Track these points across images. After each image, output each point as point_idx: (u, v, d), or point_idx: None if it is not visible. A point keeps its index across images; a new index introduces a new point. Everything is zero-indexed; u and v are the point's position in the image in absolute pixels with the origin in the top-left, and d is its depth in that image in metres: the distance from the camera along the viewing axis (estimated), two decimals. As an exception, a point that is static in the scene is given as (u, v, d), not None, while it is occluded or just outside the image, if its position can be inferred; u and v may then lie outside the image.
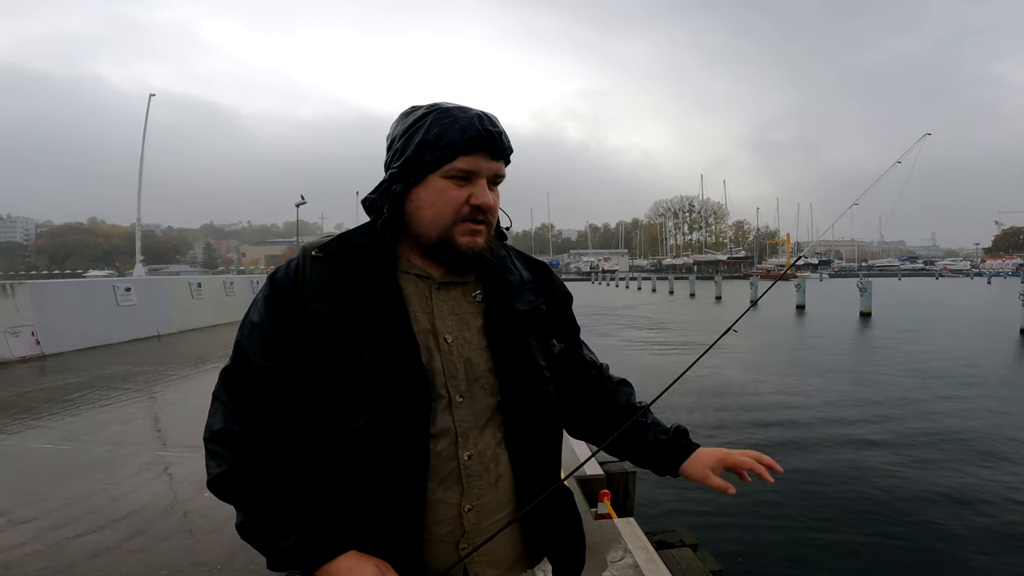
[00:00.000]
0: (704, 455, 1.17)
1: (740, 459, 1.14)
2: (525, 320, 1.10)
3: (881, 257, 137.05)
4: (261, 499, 0.99)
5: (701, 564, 3.75)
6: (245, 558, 2.91)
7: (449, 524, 1.03)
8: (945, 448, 6.87)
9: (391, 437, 0.97)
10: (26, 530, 3.20)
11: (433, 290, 1.07)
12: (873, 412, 8.53)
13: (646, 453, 1.21)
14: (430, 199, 1.02)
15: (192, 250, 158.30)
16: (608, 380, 1.28)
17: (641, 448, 1.21)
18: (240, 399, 1.02)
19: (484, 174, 1.02)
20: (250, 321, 1.05)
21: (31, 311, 9.81)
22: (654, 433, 1.20)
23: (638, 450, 1.22)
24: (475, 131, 0.99)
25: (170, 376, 7.95)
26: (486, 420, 1.06)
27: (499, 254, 1.14)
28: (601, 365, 1.31)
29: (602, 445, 1.20)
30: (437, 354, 1.03)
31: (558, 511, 1.16)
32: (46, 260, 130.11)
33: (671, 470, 1.20)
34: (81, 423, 5.47)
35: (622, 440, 1.20)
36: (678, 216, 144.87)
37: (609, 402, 1.24)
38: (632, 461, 1.25)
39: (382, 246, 1.05)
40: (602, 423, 1.23)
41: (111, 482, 3.93)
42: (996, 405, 8.91)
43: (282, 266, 1.08)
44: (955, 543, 4.66)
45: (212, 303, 15.22)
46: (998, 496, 5.49)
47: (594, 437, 1.26)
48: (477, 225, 1.02)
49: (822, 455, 6.70)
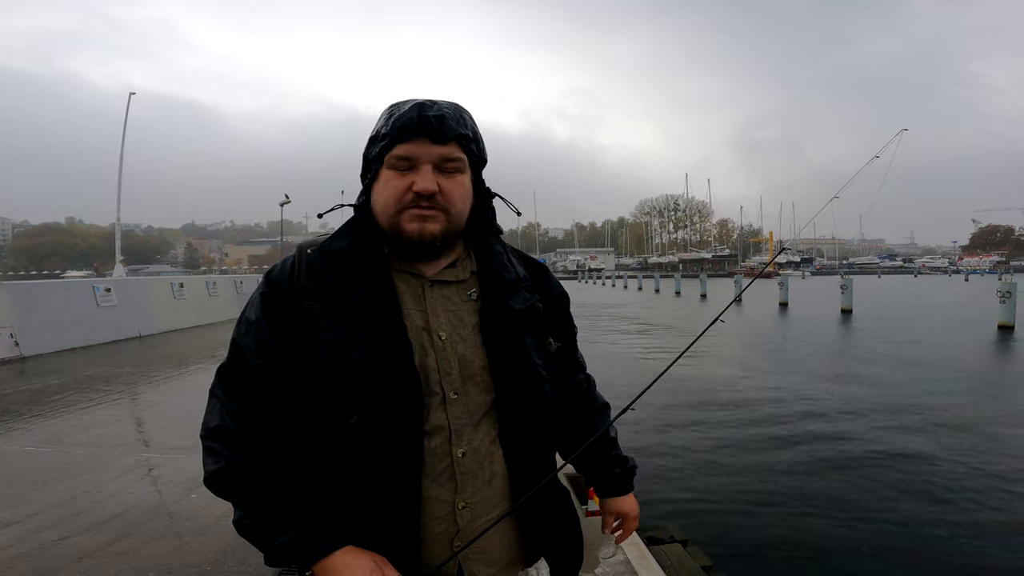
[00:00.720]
0: (623, 503, 1.33)
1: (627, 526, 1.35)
2: (520, 318, 1.10)
3: (861, 255, 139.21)
4: (257, 495, 0.98)
5: (692, 559, 3.79)
6: (235, 559, 2.89)
7: (443, 522, 1.03)
8: (930, 445, 7.00)
9: (384, 434, 0.97)
10: (10, 533, 3.14)
11: (426, 287, 1.07)
12: (856, 407, 8.65)
13: (598, 475, 1.33)
14: (379, 191, 1.04)
15: (173, 250, 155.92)
16: (594, 400, 1.33)
17: (596, 470, 1.33)
18: (236, 396, 1.02)
19: (426, 159, 1.00)
20: (246, 319, 1.05)
21: (10, 312, 9.61)
22: (610, 465, 1.31)
23: (592, 470, 1.33)
24: (407, 118, 0.99)
25: (152, 377, 7.84)
26: (480, 417, 1.06)
27: (495, 251, 1.14)
28: (590, 377, 1.36)
29: (568, 459, 1.25)
30: (431, 351, 1.03)
31: (555, 510, 1.16)
32: (23, 261, 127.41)
33: (601, 495, 1.36)
34: (63, 425, 5.37)
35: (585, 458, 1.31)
36: (663, 215, 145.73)
37: (589, 422, 1.31)
38: (581, 472, 1.36)
39: (360, 246, 1.04)
40: (576, 436, 1.27)
41: (95, 484, 3.87)
42: (975, 399, 9.10)
43: (278, 264, 1.08)
44: (942, 535, 4.75)
45: (195, 304, 15.02)
46: (978, 489, 5.61)
47: (563, 445, 1.29)
48: (424, 211, 1.01)
49: (807, 449, 6.79)
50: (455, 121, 1.02)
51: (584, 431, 1.27)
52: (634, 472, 1.34)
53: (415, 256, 1.06)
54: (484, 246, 1.15)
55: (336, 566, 0.96)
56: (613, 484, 1.32)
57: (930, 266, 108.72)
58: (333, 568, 0.96)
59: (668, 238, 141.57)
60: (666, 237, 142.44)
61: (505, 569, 1.12)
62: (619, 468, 1.31)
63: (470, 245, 1.15)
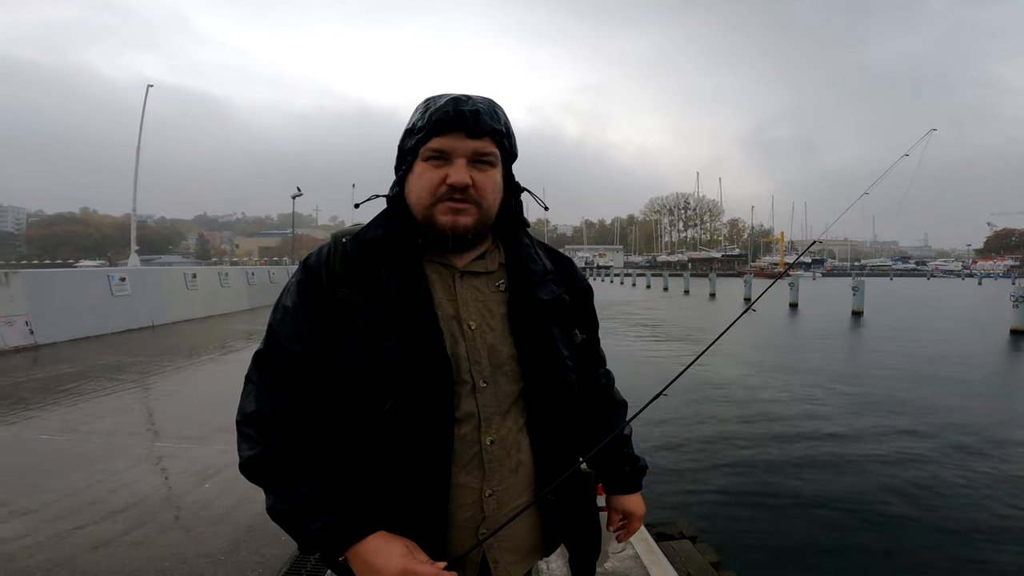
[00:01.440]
0: (629, 502, 1.31)
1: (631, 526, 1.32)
2: (548, 309, 1.12)
3: (874, 257, 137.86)
4: (292, 481, 1.00)
5: (700, 555, 3.78)
6: (248, 549, 2.91)
7: (469, 509, 1.04)
8: (938, 446, 6.94)
9: (417, 420, 0.99)
10: (26, 522, 3.18)
11: (456, 278, 1.09)
12: (865, 409, 8.59)
13: (608, 472, 1.32)
14: (413, 183, 1.06)
15: (185, 241, 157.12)
16: (611, 397, 1.34)
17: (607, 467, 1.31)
18: (272, 382, 1.03)
19: (460, 153, 1.02)
20: (283, 305, 1.08)
21: (25, 301, 9.73)
22: (620, 463, 1.31)
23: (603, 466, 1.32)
24: (443, 112, 1.01)
25: (165, 367, 7.91)
26: (509, 406, 1.07)
27: (523, 243, 1.16)
28: (609, 373, 1.37)
29: (585, 458, 1.24)
30: (461, 340, 1.05)
31: (576, 498, 1.17)
32: (37, 250, 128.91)
33: (608, 492, 1.34)
34: (78, 414, 5.44)
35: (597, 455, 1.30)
36: (673, 213, 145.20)
37: (605, 419, 1.31)
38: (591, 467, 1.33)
39: (394, 236, 1.06)
40: (591, 432, 1.27)
41: (109, 473, 3.91)
42: (987, 404, 9.00)
43: (314, 252, 1.11)
44: (951, 539, 4.71)
45: (207, 294, 15.15)
46: (988, 492, 5.55)
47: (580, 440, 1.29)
48: (458, 204, 1.03)
49: (818, 448, 6.75)
50: (489, 116, 1.04)
51: (600, 427, 1.28)
52: (644, 472, 1.34)
53: (447, 248, 1.07)
54: (512, 239, 1.17)
55: (369, 550, 0.97)
56: (622, 482, 1.31)
57: (943, 269, 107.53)
58: (366, 552, 0.97)
59: (678, 236, 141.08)
60: (676, 235, 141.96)
61: (527, 557, 1.14)
62: (628, 467, 1.31)
63: (498, 238, 1.16)
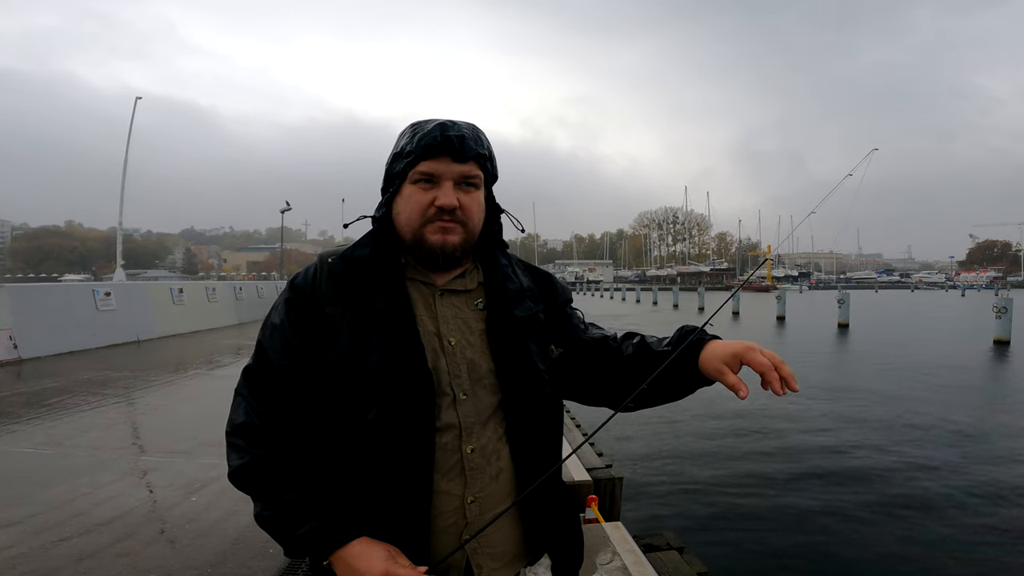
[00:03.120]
0: (718, 348, 1.06)
1: (758, 358, 1.01)
2: (524, 326, 1.16)
3: (859, 269, 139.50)
4: (279, 488, 1.04)
5: (688, 566, 3.81)
6: (235, 562, 2.90)
7: (452, 515, 1.08)
8: (929, 454, 7.03)
9: (399, 430, 1.03)
10: (11, 533, 3.15)
11: (437, 296, 1.14)
12: (854, 420, 8.69)
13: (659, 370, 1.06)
14: (402, 205, 1.11)
15: (172, 255, 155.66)
16: (613, 339, 1.23)
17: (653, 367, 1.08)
18: (261, 395, 1.08)
19: (448, 176, 1.08)
20: (271, 323, 1.13)
21: (9, 315, 9.61)
22: (661, 344, 1.14)
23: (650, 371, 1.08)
24: (431, 137, 1.07)
25: (151, 382, 7.84)
26: (488, 416, 1.11)
27: (500, 263, 1.21)
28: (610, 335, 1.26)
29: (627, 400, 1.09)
30: (442, 355, 1.10)
31: (558, 507, 1.21)
32: (21, 264, 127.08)
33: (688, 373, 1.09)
34: (62, 428, 5.38)
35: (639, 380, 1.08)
36: (662, 227, 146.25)
37: (618, 360, 1.18)
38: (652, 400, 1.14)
39: (380, 255, 1.12)
40: (619, 380, 1.16)
41: (95, 486, 3.88)
42: (971, 413, 9.13)
43: (301, 271, 1.16)
44: (940, 550, 4.77)
45: (194, 309, 15.03)
46: (979, 497, 5.63)
47: (612, 397, 1.18)
48: (446, 223, 1.09)
49: (805, 460, 6.81)
50: (474, 141, 1.10)
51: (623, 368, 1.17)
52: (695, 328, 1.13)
53: (437, 265, 1.13)
54: (490, 258, 1.21)
55: (352, 555, 1.01)
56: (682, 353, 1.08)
57: (927, 281, 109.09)
58: (349, 557, 1.01)
59: (667, 251, 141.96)
60: (664, 250, 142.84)
61: (509, 564, 1.16)
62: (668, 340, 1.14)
63: (477, 258, 1.21)
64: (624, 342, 1.21)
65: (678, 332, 1.15)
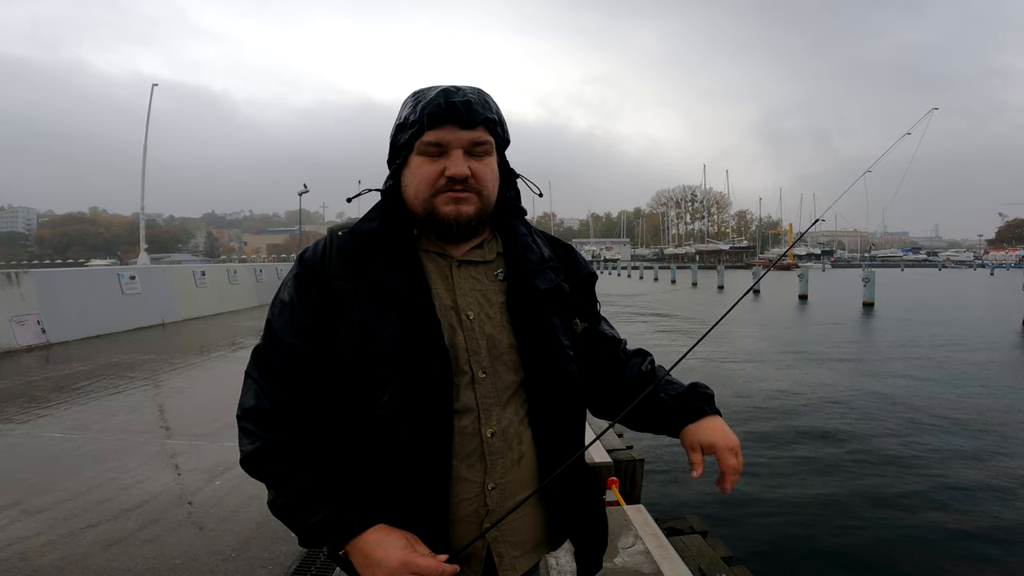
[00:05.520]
0: (704, 431, 1.13)
1: (729, 462, 1.11)
2: (547, 298, 1.10)
3: (884, 248, 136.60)
4: (292, 475, 0.99)
5: (712, 550, 3.76)
6: (258, 546, 2.92)
7: (473, 503, 1.03)
8: (955, 441, 6.87)
9: (415, 413, 0.98)
10: (40, 520, 3.20)
11: (454, 267, 1.08)
12: (880, 405, 8.53)
13: (656, 412, 1.17)
14: (411, 177, 1.05)
15: (194, 239, 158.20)
16: (623, 353, 1.27)
17: (652, 409, 1.16)
18: (271, 377, 1.03)
19: (456, 145, 1.02)
20: (280, 300, 1.07)
21: (37, 300, 9.81)
22: (666, 391, 1.17)
23: (649, 412, 1.17)
24: (435, 105, 1.00)
25: (176, 364, 7.95)
26: (508, 397, 1.06)
27: (519, 232, 1.15)
28: (620, 340, 1.30)
29: (616, 418, 1.15)
30: (459, 330, 1.04)
31: (581, 492, 1.16)
32: (48, 250, 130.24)
33: (674, 430, 1.16)
34: (89, 412, 5.48)
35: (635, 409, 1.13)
36: (680, 205, 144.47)
37: (620, 374, 1.22)
38: (642, 428, 1.21)
39: (389, 228, 1.06)
40: (616, 396, 1.22)
41: (121, 471, 3.94)
42: (999, 398, 8.90)
43: (310, 247, 1.11)
44: (967, 540, 4.66)
45: (216, 291, 15.21)
46: (995, 489, 5.49)
47: (611, 412, 1.24)
48: (459, 194, 1.03)
49: (829, 444, 6.70)
50: (481, 106, 1.03)
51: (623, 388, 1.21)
52: (704, 391, 1.18)
53: (452, 237, 1.07)
54: (508, 227, 1.15)
55: (369, 543, 0.96)
56: (675, 412, 1.16)
57: (955, 260, 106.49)
58: (366, 545, 0.96)
59: (685, 229, 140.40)
60: (683, 228, 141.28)
61: (531, 552, 1.12)
62: (677, 390, 1.18)
63: (495, 227, 1.15)
64: (632, 359, 1.25)
65: (688, 391, 1.18)
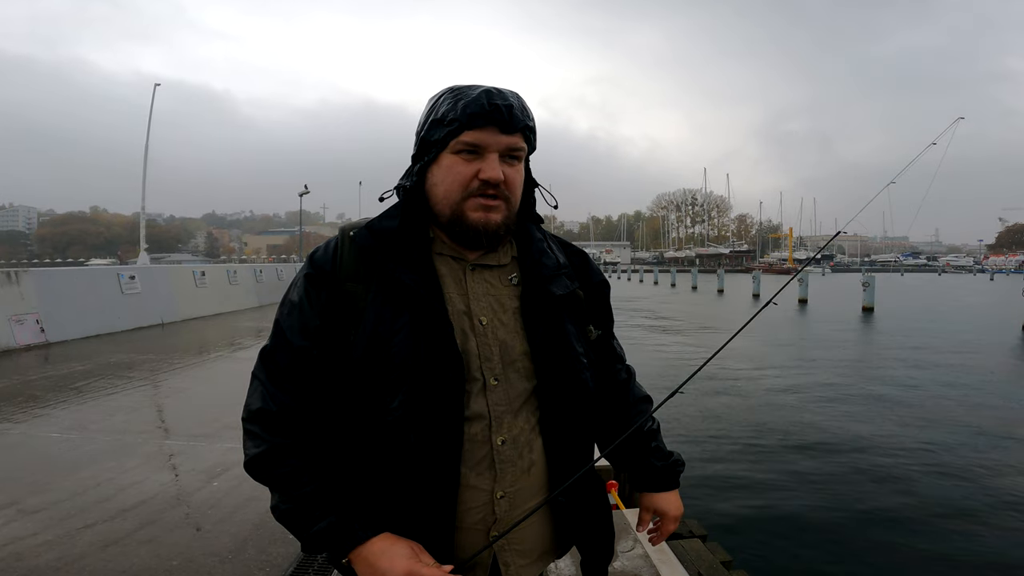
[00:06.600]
0: (659, 500, 1.27)
1: (668, 528, 1.29)
2: (561, 304, 1.09)
3: (884, 252, 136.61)
4: (298, 480, 0.98)
5: (711, 554, 3.75)
6: (255, 548, 2.91)
7: (480, 511, 1.02)
8: (955, 447, 6.86)
9: (425, 419, 0.96)
10: (36, 520, 3.19)
11: (467, 271, 1.06)
12: (882, 410, 8.51)
13: (636, 469, 1.28)
14: (441, 176, 1.02)
15: (194, 239, 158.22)
16: (633, 392, 1.30)
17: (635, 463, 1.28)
18: (278, 379, 1.01)
19: (493, 148, 1.00)
20: (289, 300, 1.05)
21: (36, 299, 9.79)
22: (651, 458, 1.27)
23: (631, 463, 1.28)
24: (478, 105, 0.98)
25: (175, 365, 7.93)
26: (520, 405, 1.04)
27: (535, 237, 1.13)
28: (630, 367, 1.32)
29: (604, 453, 1.20)
30: (472, 336, 1.02)
31: (589, 499, 1.15)
32: (48, 249, 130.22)
33: (640, 487, 1.29)
34: (87, 412, 5.46)
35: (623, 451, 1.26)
36: (680, 209, 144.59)
37: (627, 415, 1.27)
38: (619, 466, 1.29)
39: (408, 227, 1.04)
40: (613, 429, 1.24)
41: (119, 471, 3.92)
42: (999, 402, 8.89)
43: (321, 246, 1.09)
44: (968, 542, 4.65)
45: (216, 292, 15.19)
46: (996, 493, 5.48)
47: (600, 438, 1.26)
48: (489, 200, 1.01)
49: (830, 450, 6.68)
50: (521, 112, 1.01)
51: (621, 424, 1.24)
52: (679, 468, 1.29)
53: (479, 244, 1.05)
54: (524, 232, 1.14)
55: (373, 552, 0.95)
56: (652, 478, 1.27)
57: (955, 264, 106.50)
58: (370, 554, 0.95)
59: (685, 232, 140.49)
60: (683, 231, 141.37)
61: (538, 560, 1.11)
62: (660, 461, 1.26)
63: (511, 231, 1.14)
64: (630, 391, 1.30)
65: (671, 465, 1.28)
